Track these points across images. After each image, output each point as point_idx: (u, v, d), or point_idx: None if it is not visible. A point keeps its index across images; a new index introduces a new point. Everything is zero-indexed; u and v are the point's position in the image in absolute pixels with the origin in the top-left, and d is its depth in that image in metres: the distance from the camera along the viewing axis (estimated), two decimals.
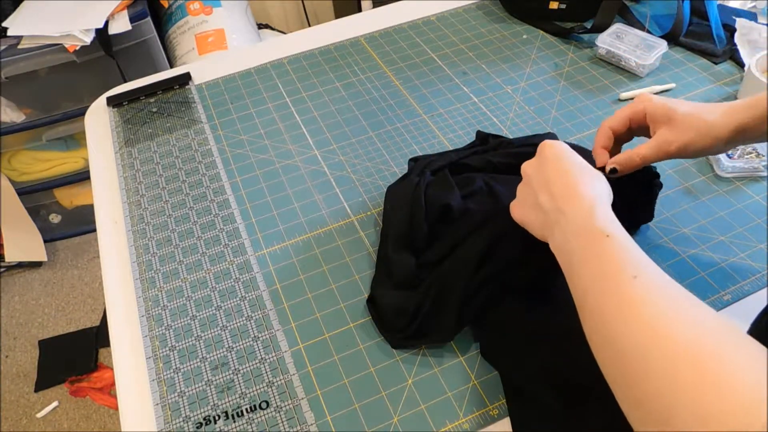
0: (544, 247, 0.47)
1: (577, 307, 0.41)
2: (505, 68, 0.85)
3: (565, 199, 0.45)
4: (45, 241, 1.65)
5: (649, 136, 0.52)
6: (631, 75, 0.81)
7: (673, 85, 0.79)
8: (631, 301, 0.36)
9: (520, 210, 0.51)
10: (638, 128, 0.53)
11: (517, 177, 0.52)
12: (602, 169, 0.52)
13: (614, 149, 0.54)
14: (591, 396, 0.46)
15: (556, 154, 0.48)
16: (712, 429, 0.29)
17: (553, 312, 0.52)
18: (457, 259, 0.54)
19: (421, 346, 0.54)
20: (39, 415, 1.36)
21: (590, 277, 0.40)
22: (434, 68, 0.86)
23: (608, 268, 0.39)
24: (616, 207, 0.45)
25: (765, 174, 0.66)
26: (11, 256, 1.61)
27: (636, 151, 0.51)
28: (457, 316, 0.53)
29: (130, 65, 1.40)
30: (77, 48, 1.28)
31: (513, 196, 0.52)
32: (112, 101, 0.84)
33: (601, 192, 0.46)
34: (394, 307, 0.54)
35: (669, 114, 0.50)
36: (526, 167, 0.51)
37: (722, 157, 0.66)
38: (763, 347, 0.31)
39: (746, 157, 0.66)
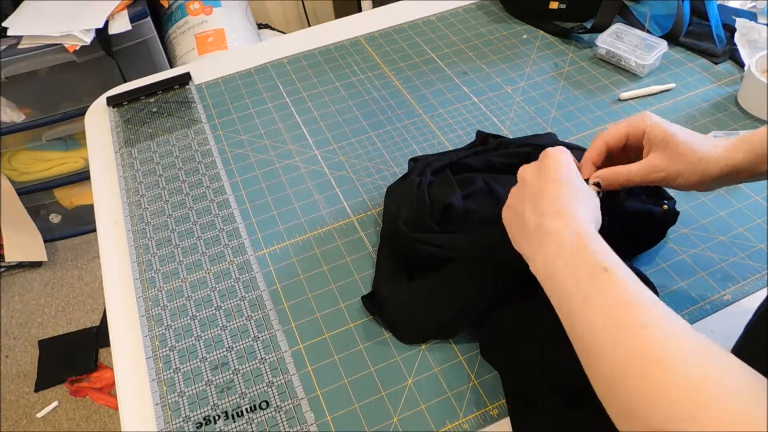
0: None
1: (577, 345, 0.40)
2: (505, 68, 0.85)
3: (549, 216, 0.43)
4: (45, 241, 1.65)
5: (641, 157, 0.50)
6: (631, 75, 0.81)
7: (673, 84, 0.79)
8: (642, 355, 0.35)
9: (508, 214, 0.49)
10: (634, 146, 0.51)
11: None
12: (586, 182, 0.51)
13: (605, 165, 0.52)
14: (591, 397, 0.46)
15: (556, 166, 0.47)
16: None
17: (553, 312, 0.52)
18: (460, 259, 0.54)
19: (421, 346, 0.54)
20: (39, 415, 1.36)
21: (595, 322, 0.38)
22: (434, 68, 0.86)
23: (615, 315, 0.37)
24: (627, 236, 0.42)
25: None
26: (11, 256, 1.61)
27: (622, 169, 0.49)
28: (460, 314, 0.53)
29: (130, 65, 1.40)
30: (77, 48, 1.28)
31: None
32: (112, 101, 0.84)
33: (589, 217, 0.44)
34: (400, 304, 0.55)
35: (666, 139, 0.48)
36: (524, 171, 0.49)
37: None
38: None
39: None
